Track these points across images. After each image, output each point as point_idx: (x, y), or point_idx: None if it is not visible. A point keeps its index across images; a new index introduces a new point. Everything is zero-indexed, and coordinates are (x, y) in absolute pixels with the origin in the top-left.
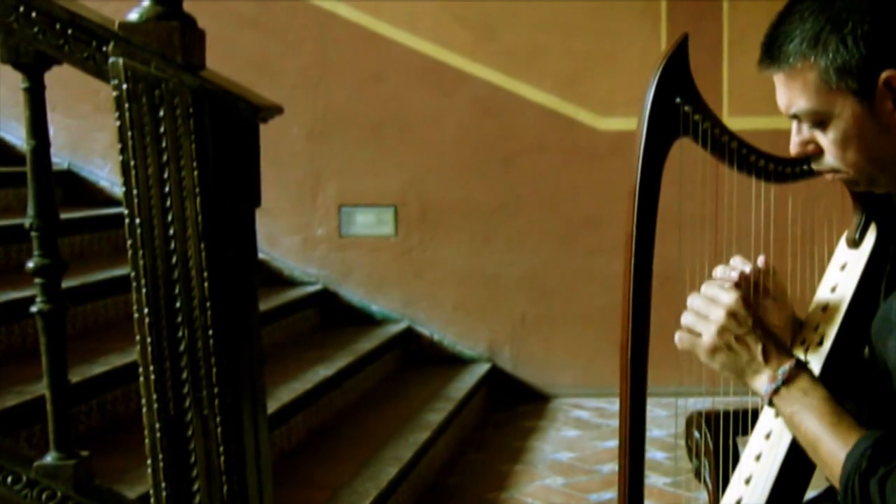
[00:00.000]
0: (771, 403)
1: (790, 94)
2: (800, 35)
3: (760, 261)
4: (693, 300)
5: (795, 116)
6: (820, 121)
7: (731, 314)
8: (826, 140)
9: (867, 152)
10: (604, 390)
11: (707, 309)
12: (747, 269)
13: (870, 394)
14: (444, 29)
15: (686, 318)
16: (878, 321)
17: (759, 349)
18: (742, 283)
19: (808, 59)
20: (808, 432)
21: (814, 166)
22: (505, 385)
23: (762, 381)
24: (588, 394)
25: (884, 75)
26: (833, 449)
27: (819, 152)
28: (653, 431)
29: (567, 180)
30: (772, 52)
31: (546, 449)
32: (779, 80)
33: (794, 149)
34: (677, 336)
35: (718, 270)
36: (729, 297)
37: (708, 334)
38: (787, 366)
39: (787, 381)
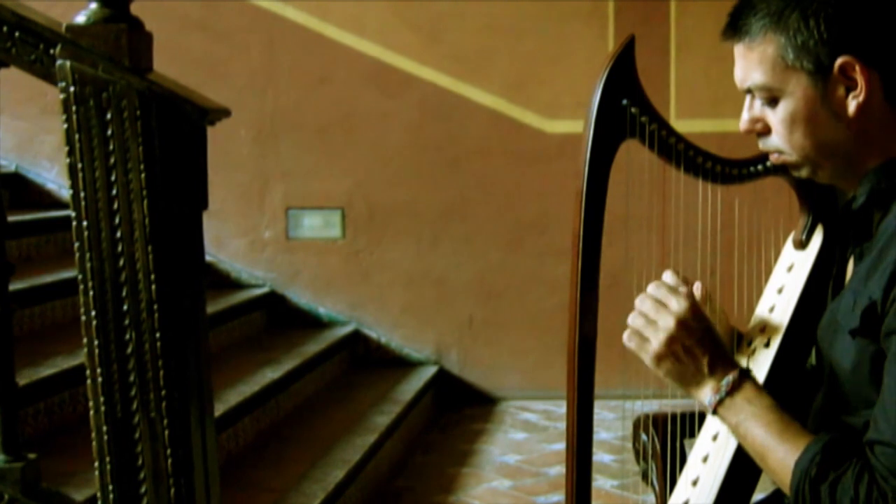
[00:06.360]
0: (715, 413)
1: (747, 66)
2: (765, 9)
3: (697, 287)
4: (642, 302)
5: (749, 91)
6: (772, 98)
7: (681, 323)
8: (775, 118)
9: (814, 137)
10: (551, 393)
11: (656, 314)
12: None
13: (815, 397)
14: (391, 31)
15: (635, 321)
16: (825, 323)
17: (705, 361)
18: None
19: (769, 34)
20: (756, 441)
21: (760, 145)
22: (452, 388)
23: (706, 393)
24: (535, 396)
25: (840, 61)
26: (781, 456)
27: (766, 132)
28: (600, 434)
29: (514, 183)
30: (735, 24)
31: (493, 451)
32: (738, 51)
33: (743, 125)
34: (626, 336)
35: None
36: (679, 306)
37: (656, 342)
38: (730, 376)
39: (732, 391)
